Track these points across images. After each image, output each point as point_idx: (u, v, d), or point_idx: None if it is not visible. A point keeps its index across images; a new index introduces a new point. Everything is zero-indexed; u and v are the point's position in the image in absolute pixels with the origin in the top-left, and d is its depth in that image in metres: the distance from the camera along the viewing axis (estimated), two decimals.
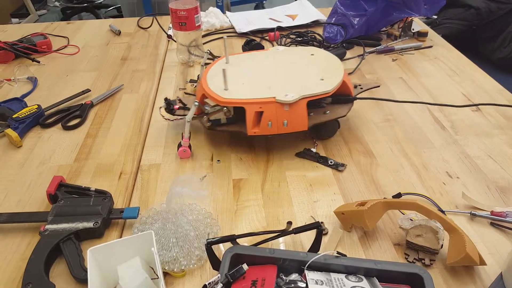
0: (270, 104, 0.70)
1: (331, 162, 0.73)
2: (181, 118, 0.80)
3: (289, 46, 1.17)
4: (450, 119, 0.86)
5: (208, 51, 0.92)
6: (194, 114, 0.75)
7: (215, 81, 0.76)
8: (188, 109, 0.79)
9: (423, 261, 0.55)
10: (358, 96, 0.81)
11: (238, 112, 0.73)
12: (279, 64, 0.82)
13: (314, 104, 0.76)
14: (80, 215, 0.61)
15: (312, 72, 0.78)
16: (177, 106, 0.80)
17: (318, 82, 0.74)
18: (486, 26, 2.49)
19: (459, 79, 1.01)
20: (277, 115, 0.70)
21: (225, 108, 0.73)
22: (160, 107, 0.82)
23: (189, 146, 0.77)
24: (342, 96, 0.78)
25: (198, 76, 1.03)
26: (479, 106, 0.90)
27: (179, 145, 0.76)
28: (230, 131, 0.76)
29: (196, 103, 0.74)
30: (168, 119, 0.83)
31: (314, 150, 0.76)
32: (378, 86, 0.81)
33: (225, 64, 0.83)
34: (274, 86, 0.74)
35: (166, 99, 0.80)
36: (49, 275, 0.55)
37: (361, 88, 0.83)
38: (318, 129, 0.78)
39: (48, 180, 0.66)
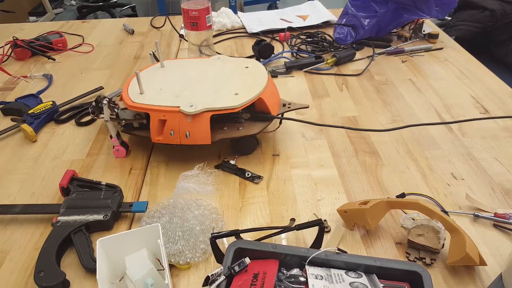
0: (173, 113, 0.69)
1: (248, 175, 0.73)
2: (102, 117, 0.80)
3: (299, 46, 1.19)
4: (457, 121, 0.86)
5: (152, 53, 0.89)
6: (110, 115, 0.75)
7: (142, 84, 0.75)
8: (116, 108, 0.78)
9: (424, 260, 0.56)
10: (307, 116, 0.80)
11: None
12: (208, 73, 0.80)
13: (231, 118, 0.74)
14: (90, 208, 0.63)
15: (232, 86, 0.75)
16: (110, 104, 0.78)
17: (230, 97, 0.71)
18: (501, 28, 2.45)
19: (468, 81, 1.01)
20: (180, 125, 0.69)
21: (140, 113, 0.72)
22: (90, 106, 0.81)
23: (123, 144, 0.78)
24: (261, 114, 0.75)
25: None
26: (487, 109, 0.90)
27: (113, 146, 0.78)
28: (141, 136, 0.75)
29: (105, 103, 0.73)
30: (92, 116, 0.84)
31: (232, 162, 0.75)
32: (307, 107, 0.79)
33: (158, 68, 0.83)
34: (186, 96, 0.72)
35: (97, 97, 0.80)
36: (60, 264, 0.58)
37: (289, 107, 0.79)
38: (234, 144, 0.77)
39: (61, 174, 0.69)
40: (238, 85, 0.76)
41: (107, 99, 0.74)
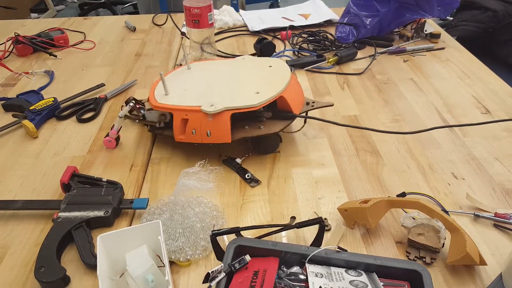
0: (195, 112, 0.70)
1: (247, 176, 0.72)
2: (136, 118, 0.82)
3: (300, 44, 1.19)
4: (459, 120, 0.86)
5: (188, 53, 0.91)
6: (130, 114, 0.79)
7: (167, 85, 0.77)
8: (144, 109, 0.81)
9: (424, 259, 0.56)
10: (308, 113, 0.79)
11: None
12: (231, 74, 0.81)
13: (253, 117, 0.74)
14: (91, 204, 0.63)
15: (254, 84, 0.76)
16: (137, 106, 0.80)
17: (251, 95, 0.72)
18: (503, 28, 2.45)
19: (470, 81, 1.01)
20: (201, 124, 0.70)
21: (165, 113, 0.75)
22: (122, 106, 0.83)
23: (117, 139, 0.80)
24: (283, 112, 0.75)
25: None
26: (489, 109, 0.90)
27: (107, 135, 0.79)
28: (166, 135, 0.76)
29: (132, 104, 0.77)
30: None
31: (239, 160, 0.75)
32: (332, 105, 0.79)
33: (184, 70, 0.85)
34: (208, 95, 0.73)
35: (129, 99, 0.81)
36: (60, 260, 0.58)
37: (313, 106, 0.79)
38: (256, 143, 0.77)
39: (62, 170, 0.69)
40: (260, 84, 0.76)
41: (133, 101, 0.77)
